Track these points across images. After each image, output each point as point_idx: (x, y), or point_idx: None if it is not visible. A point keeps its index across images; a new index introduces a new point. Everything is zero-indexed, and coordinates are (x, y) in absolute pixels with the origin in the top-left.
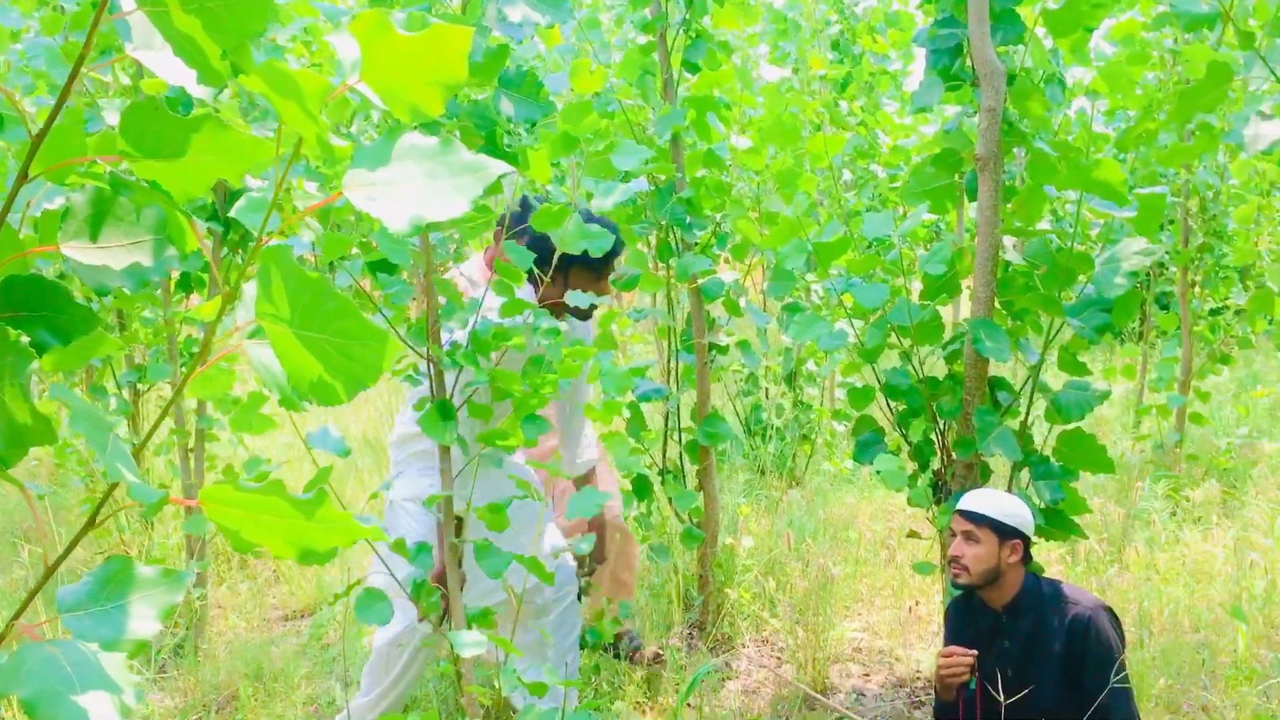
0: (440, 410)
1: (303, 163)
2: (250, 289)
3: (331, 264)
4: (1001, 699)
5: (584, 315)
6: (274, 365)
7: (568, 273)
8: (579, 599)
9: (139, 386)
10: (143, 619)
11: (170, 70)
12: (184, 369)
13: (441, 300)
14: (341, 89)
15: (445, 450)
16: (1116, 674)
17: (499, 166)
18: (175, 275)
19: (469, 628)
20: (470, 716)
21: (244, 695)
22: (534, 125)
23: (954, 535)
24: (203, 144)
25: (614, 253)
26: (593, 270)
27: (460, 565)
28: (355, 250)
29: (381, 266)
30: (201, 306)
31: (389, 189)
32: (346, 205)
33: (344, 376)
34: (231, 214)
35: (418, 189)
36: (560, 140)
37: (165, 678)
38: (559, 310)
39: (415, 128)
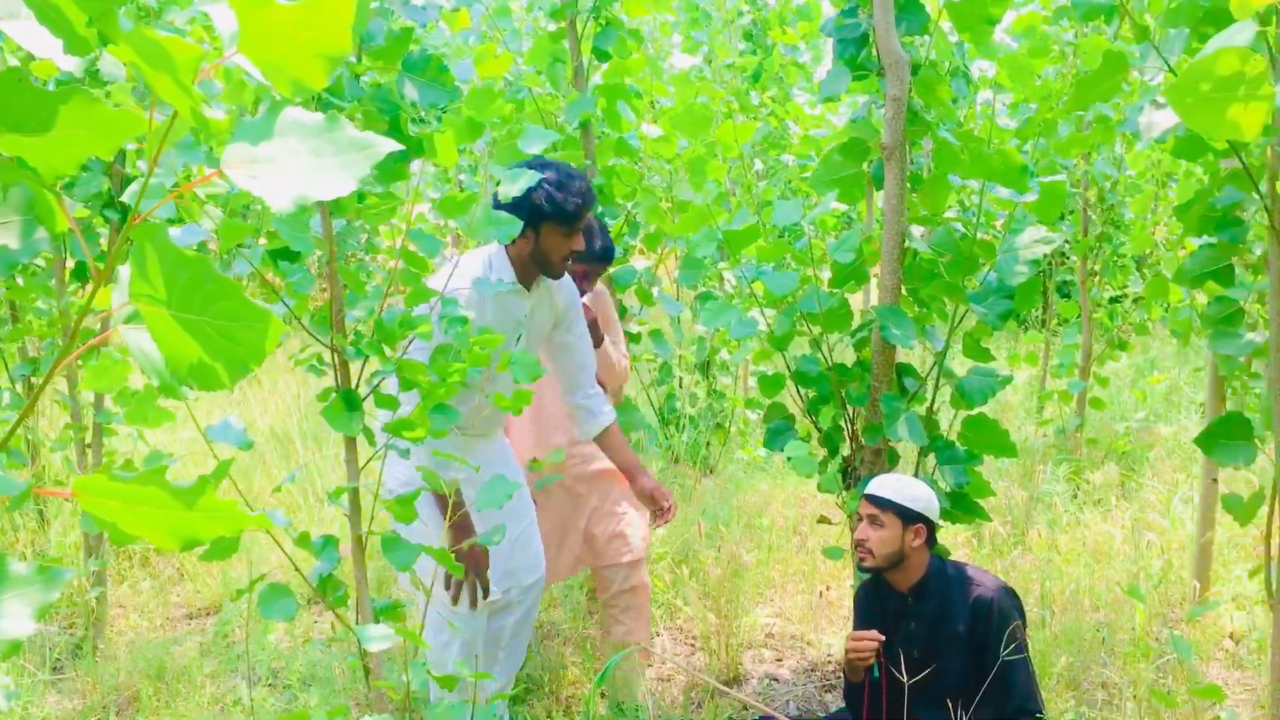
0: (345, 400)
1: (204, 148)
2: (125, 270)
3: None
4: (905, 680)
5: (555, 273)
6: (151, 350)
7: (539, 229)
8: None
9: (33, 380)
10: (16, 618)
11: (35, 40)
12: (79, 362)
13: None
14: (220, 61)
15: (351, 441)
16: (1017, 648)
17: (387, 144)
18: (70, 265)
19: (376, 621)
20: (377, 711)
21: (145, 696)
22: (444, 111)
23: (860, 520)
24: (71, 117)
25: (585, 205)
26: (564, 224)
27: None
28: (263, 240)
29: (283, 254)
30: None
31: (271, 166)
32: (246, 193)
33: (226, 359)
34: (124, 198)
35: (302, 166)
36: (465, 126)
37: (63, 679)
38: (532, 269)
39: (314, 108)
